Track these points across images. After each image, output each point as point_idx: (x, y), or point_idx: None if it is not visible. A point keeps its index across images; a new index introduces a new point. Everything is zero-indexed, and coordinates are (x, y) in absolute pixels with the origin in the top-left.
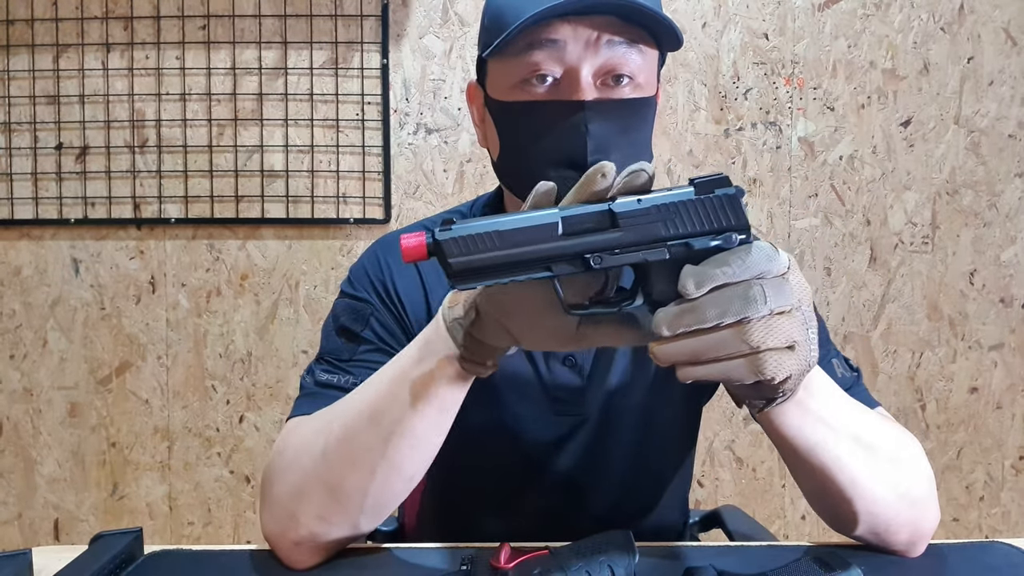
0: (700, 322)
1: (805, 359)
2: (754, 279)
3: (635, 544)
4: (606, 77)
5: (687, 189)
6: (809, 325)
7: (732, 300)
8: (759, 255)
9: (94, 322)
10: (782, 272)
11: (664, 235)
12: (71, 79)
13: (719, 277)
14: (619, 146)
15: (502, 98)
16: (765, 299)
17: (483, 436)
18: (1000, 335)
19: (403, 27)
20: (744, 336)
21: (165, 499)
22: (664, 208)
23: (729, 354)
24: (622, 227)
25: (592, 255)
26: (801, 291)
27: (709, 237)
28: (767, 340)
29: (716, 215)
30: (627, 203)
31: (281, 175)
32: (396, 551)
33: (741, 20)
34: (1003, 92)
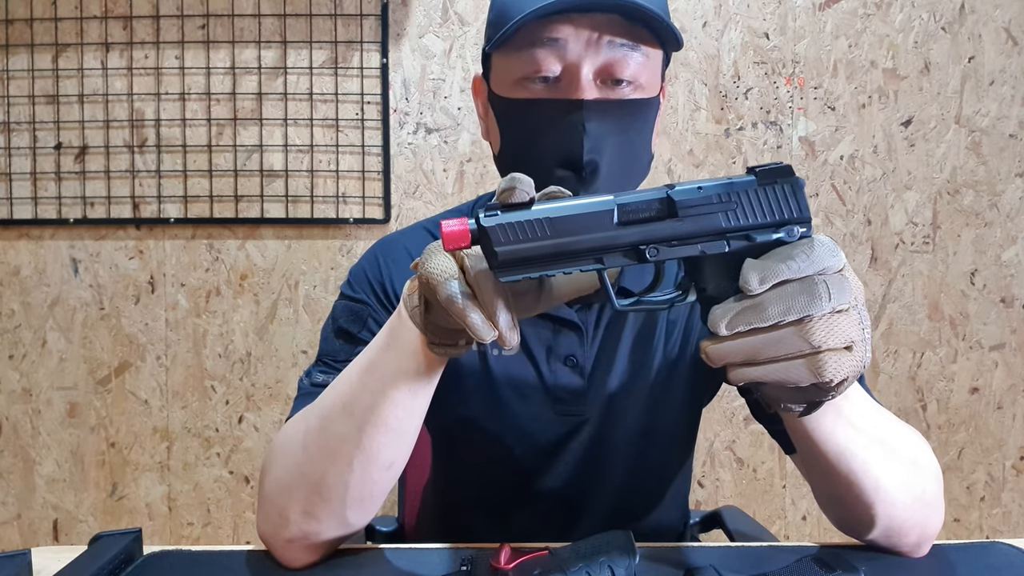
0: (762, 320)
1: (861, 360)
2: (817, 275)
3: (635, 545)
4: (606, 78)
5: (747, 177)
6: (864, 324)
7: (796, 297)
8: (823, 250)
9: (93, 322)
10: (841, 268)
11: (724, 226)
12: (70, 79)
13: (783, 272)
14: (616, 145)
15: (504, 94)
16: (829, 296)
17: (483, 436)
18: (1001, 335)
19: (403, 26)
20: (805, 335)
21: (164, 499)
22: (725, 196)
23: (788, 354)
24: (680, 216)
25: (648, 246)
26: (856, 288)
27: (771, 230)
28: (828, 339)
29: (779, 206)
30: (687, 189)
31: (280, 175)
32: (396, 552)
33: (742, 19)
34: (1004, 92)
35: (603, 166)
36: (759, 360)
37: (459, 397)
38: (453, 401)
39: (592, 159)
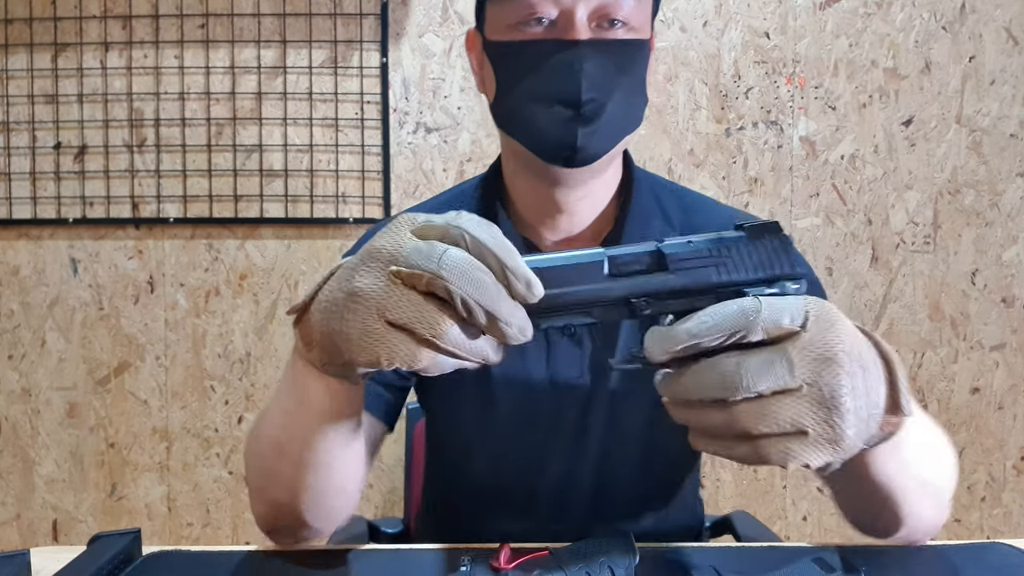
0: (683, 393)
1: (833, 443)
2: (735, 353)
3: (635, 545)
4: (601, 20)
5: (737, 233)
6: (836, 402)
7: (704, 374)
8: (735, 312)
9: (92, 322)
10: (778, 334)
11: (716, 281)
12: (69, 78)
13: (681, 339)
14: (614, 86)
15: (499, 39)
16: (742, 379)
17: (483, 436)
18: (1002, 335)
19: (402, 26)
20: (732, 418)
21: (164, 500)
22: (716, 251)
23: (724, 432)
24: (672, 270)
25: (639, 300)
26: (826, 360)
27: (763, 285)
28: (760, 425)
29: (769, 261)
30: (677, 243)
31: (280, 174)
32: (395, 552)
33: (742, 19)
34: (1005, 91)
35: (605, 104)
36: (699, 429)
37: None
38: (450, 396)
39: (591, 97)
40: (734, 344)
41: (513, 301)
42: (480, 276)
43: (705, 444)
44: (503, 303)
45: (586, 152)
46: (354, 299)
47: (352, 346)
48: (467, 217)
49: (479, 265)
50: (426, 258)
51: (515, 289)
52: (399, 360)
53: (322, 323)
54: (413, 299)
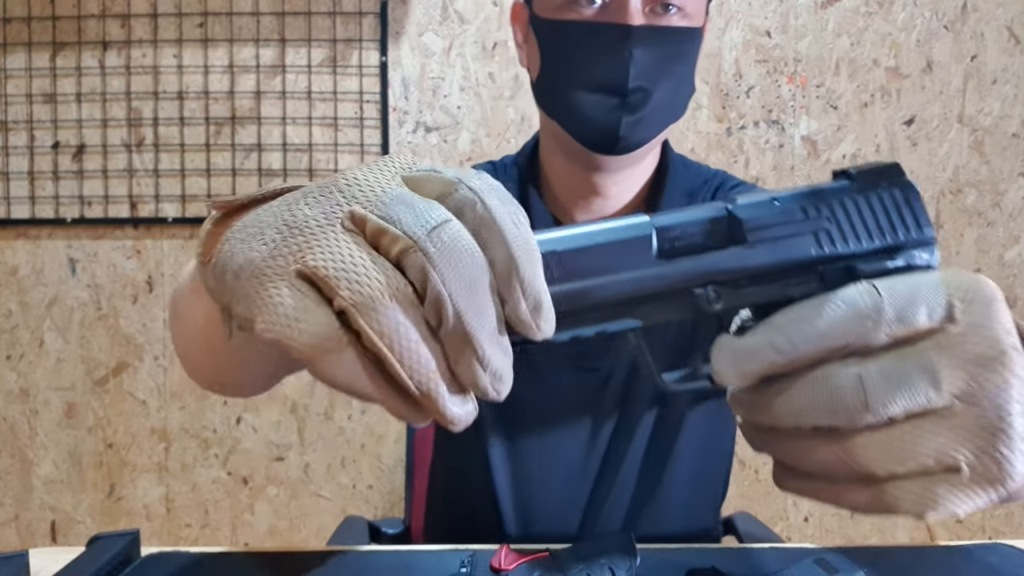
0: (774, 419)
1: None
2: (853, 361)
3: (636, 546)
4: (655, 5)
5: (839, 183)
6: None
7: (808, 392)
8: (843, 314)
9: (91, 322)
10: (909, 331)
11: (815, 255)
12: (68, 77)
13: (765, 358)
14: (662, 75)
15: (548, 16)
16: (863, 392)
17: (482, 436)
18: None
19: (402, 25)
20: (848, 454)
21: (162, 501)
22: (813, 210)
23: (833, 473)
24: (750, 242)
25: (705, 289)
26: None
27: (883, 257)
28: (889, 463)
29: (889, 221)
30: (756, 203)
31: (279, 174)
32: (394, 552)
33: (743, 18)
34: (1006, 91)
35: (651, 92)
36: (793, 466)
37: None
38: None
39: (638, 85)
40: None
41: (503, 334)
42: (477, 276)
43: (801, 486)
44: (488, 330)
45: (628, 141)
46: (278, 229)
47: (237, 285)
48: (488, 183)
49: (481, 260)
50: (413, 218)
51: (517, 311)
52: (277, 327)
53: (227, 241)
54: (357, 253)
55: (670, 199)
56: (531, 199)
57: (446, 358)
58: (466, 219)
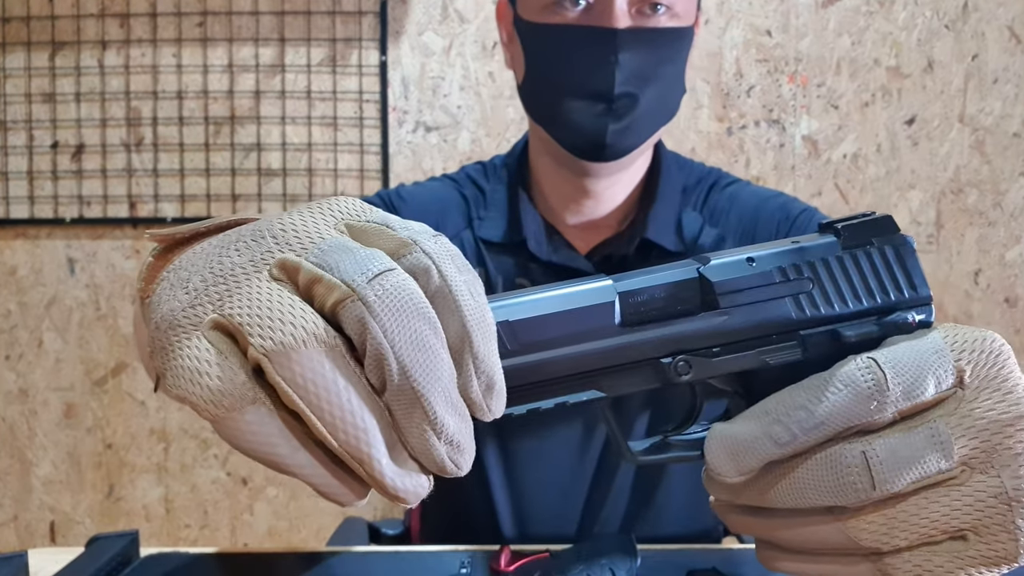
0: (767, 503)
1: (1007, 558)
2: (848, 433)
3: (637, 547)
4: (642, 5)
5: (824, 239)
6: (1019, 492)
7: (811, 474)
8: (845, 398)
9: (90, 322)
10: (917, 405)
11: (796, 318)
12: (67, 77)
13: (764, 452)
14: (650, 78)
15: (531, 19)
16: (869, 472)
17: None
18: (1005, 335)
19: (402, 24)
20: (850, 531)
21: (161, 501)
22: (794, 270)
23: (832, 550)
24: (723, 308)
25: (674, 359)
26: (1000, 428)
27: (871, 320)
28: (888, 537)
29: (879, 281)
30: (730, 263)
31: (278, 174)
32: (394, 553)
33: (744, 17)
34: (1007, 90)
35: (639, 98)
36: (789, 546)
37: None
38: None
39: (625, 91)
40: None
41: (459, 400)
42: (426, 331)
43: (794, 565)
44: (441, 390)
45: (616, 148)
46: (203, 276)
47: (156, 336)
48: (446, 247)
49: (430, 313)
50: (353, 264)
51: (468, 390)
52: (180, 383)
53: (160, 283)
54: (278, 300)
55: (664, 198)
56: (521, 201)
57: (392, 423)
58: (418, 285)
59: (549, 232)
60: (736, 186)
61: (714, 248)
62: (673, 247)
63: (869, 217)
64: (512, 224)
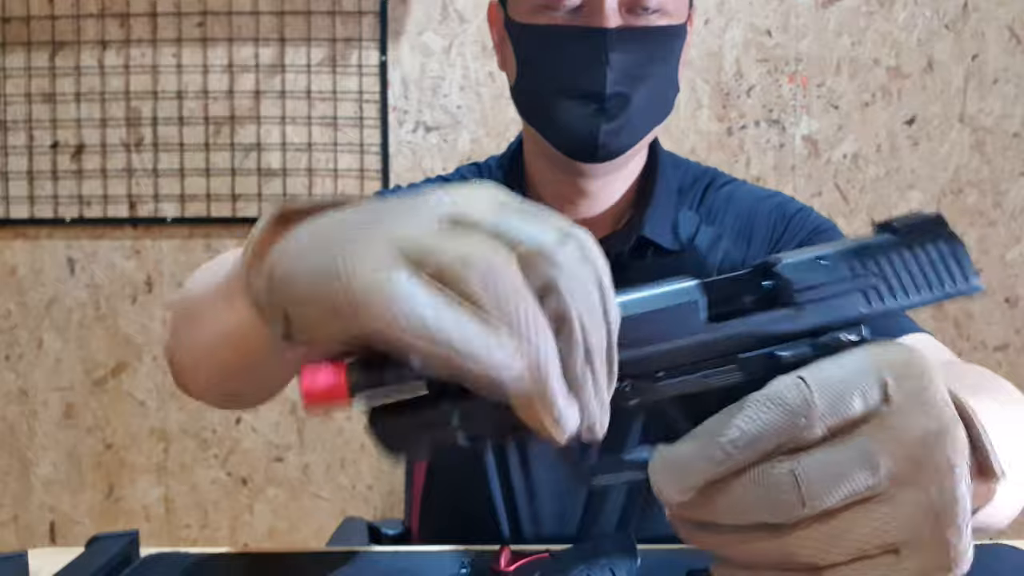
0: (710, 517)
1: (944, 569)
2: (786, 457)
3: (637, 547)
4: (633, 4)
5: (883, 236)
6: (948, 504)
7: (744, 493)
8: (774, 417)
9: (90, 322)
10: (846, 420)
11: (865, 312)
12: (67, 77)
13: (700, 471)
14: (642, 78)
15: (522, 20)
16: (798, 489)
17: None
18: (1005, 335)
19: (402, 24)
20: (789, 548)
21: (161, 501)
22: (861, 267)
23: (772, 564)
24: (799, 303)
25: (621, 383)
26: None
27: (805, 341)
28: (830, 552)
29: (938, 277)
30: (802, 262)
31: (278, 174)
32: (394, 554)
33: (743, 17)
34: (1008, 90)
35: (631, 98)
36: (735, 561)
37: None
38: None
39: (617, 91)
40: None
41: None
42: (598, 300)
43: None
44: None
45: (609, 148)
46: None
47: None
48: (583, 235)
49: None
50: (537, 227)
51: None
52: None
53: (289, 241)
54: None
55: (660, 197)
56: None
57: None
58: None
59: None
60: (732, 185)
61: (711, 247)
62: (670, 245)
63: (924, 216)
64: None
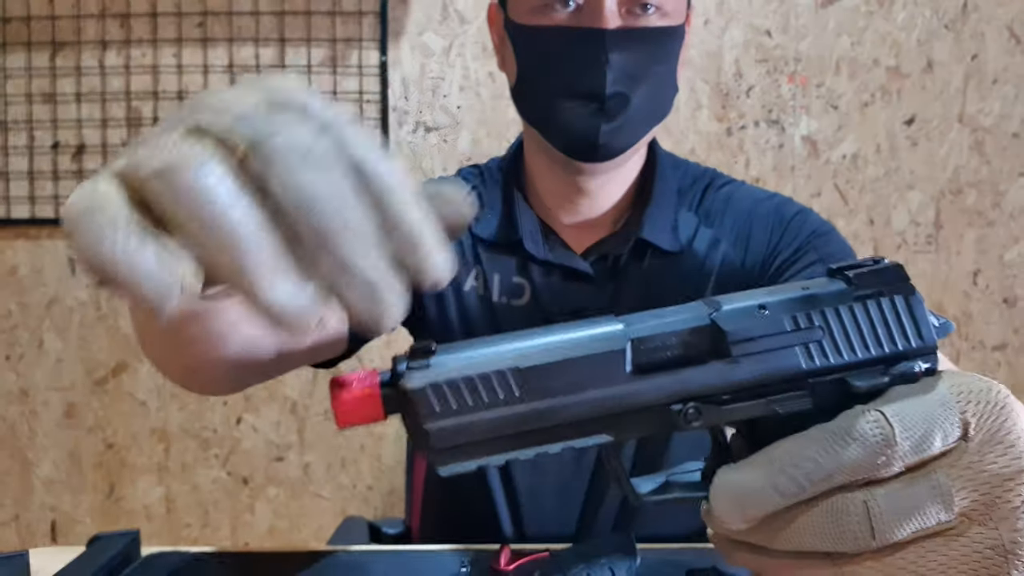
0: (767, 543)
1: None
2: (851, 481)
3: (636, 547)
4: (632, 5)
5: (834, 286)
6: (1018, 547)
7: (812, 520)
8: (854, 454)
9: (91, 322)
10: (923, 459)
11: (806, 368)
12: (67, 77)
13: (771, 502)
14: (641, 78)
15: (521, 21)
16: (869, 522)
17: None
18: (1004, 335)
19: (402, 24)
20: (844, 575)
21: (162, 501)
22: (805, 319)
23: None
24: (734, 356)
25: (684, 406)
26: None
27: (878, 370)
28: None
29: (887, 330)
30: (741, 309)
31: None
32: (394, 553)
33: (743, 17)
34: (1007, 91)
35: (631, 97)
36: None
37: None
38: None
39: (616, 90)
40: None
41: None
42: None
43: None
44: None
45: (609, 148)
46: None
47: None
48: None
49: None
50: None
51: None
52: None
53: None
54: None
55: (659, 198)
56: (516, 201)
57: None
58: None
59: (545, 232)
60: (731, 187)
61: (710, 249)
62: (668, 247)
63: (880, 265)
64: (508, 224)
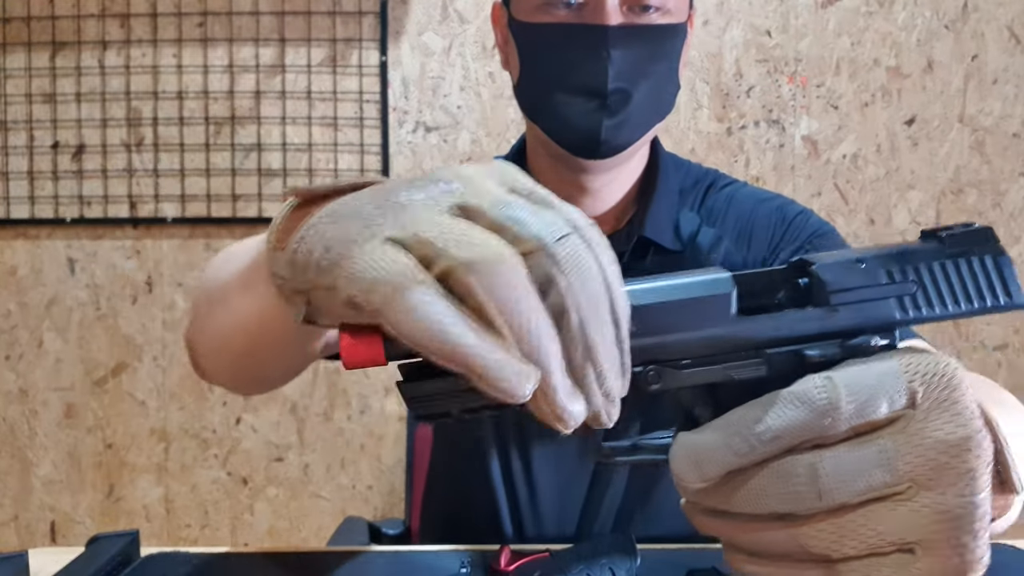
0: (727, 505)
1: (962, 557)
2: (803, 446)
3: (636, 547)
4: (634, 3)
5: (927, 244)
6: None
7: (762, 482)
8: (800, 415)
9: (90, 322)
10: (870, 423)
11: (899, 318)
12: (67, 77)
13: (725, 461)
14: (643, 75)
15: (525, 19)
16: (816, 483)
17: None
18: (1004, 335)
19: (402, 24)
20: (803, 539)
21: (162, 501)
22: (899, 273)
23: (787, 555)
24: (833, 304)
25: (645, 367)
26: (949, 447)
27: (832, 342)
28: (843, 545)
29: (978, 289)
30: (840, 263)
31: (279, 174)
32: (395, 554)
33: (743, 17)
34: (1007, 91)
35: (632, 94)
36: (747, 549)
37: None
38: None
39: (618, 87)
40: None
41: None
42: (601, 294)
43: (754, 567)
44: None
45: (611, 144)
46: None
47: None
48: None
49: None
50: (539, 222)
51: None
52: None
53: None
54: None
55: (661, 197)
56: None
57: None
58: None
59: None
60: (733, 187)
61: (712, 248)
62: (671, 245)
63: (970, 227)
64: None
